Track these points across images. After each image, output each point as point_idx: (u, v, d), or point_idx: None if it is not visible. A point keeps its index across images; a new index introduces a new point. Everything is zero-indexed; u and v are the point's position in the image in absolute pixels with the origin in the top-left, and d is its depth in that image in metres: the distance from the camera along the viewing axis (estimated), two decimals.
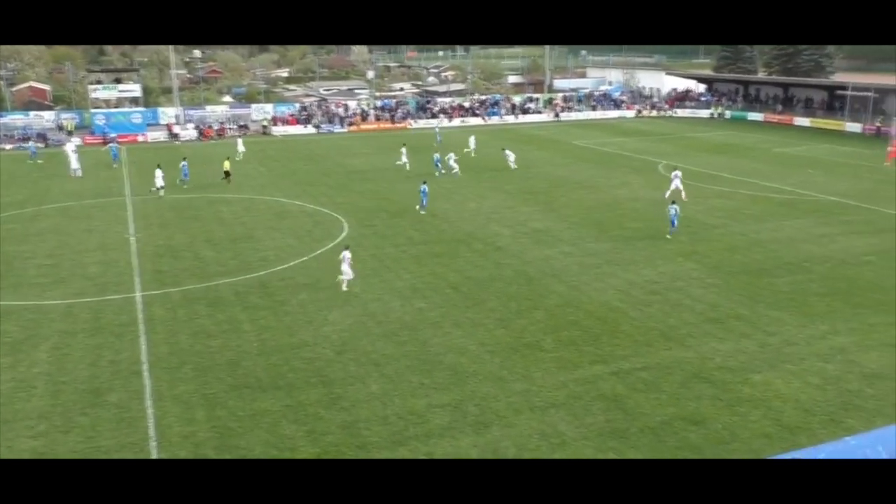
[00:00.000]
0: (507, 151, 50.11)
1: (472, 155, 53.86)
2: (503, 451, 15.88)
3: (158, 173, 41.69)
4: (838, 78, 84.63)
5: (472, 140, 55.73)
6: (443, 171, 47.26)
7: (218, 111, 72.69)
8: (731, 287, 26.07)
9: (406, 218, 36.55)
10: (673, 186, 38.07)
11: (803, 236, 32.57)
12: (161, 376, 19.50)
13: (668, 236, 32.31)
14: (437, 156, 48.74)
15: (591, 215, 36.74)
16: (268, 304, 24.80)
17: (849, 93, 69.75)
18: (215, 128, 68.78)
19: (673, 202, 33.22)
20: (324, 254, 30.37)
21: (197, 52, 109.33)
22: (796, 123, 72.93)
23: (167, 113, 70.41)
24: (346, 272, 25.96)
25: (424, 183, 38.43)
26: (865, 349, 20.86)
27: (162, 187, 41.59)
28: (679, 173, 39.16)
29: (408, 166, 48.64)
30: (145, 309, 24.44)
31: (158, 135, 67.25)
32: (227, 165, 46.11)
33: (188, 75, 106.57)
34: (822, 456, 2.00)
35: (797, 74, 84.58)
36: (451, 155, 48.04)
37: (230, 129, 69.66)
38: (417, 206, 37.80)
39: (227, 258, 30.11)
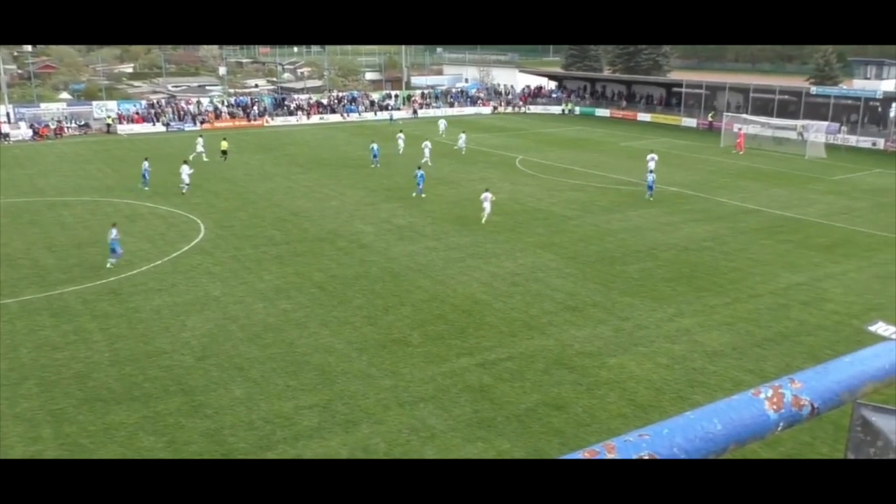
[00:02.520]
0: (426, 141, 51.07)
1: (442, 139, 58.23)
2: (373, 448, 15.87)
3: (185, 169, 40.79)
4: (674, 76, 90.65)
5: (441, 124, 61.77)
6: (379, 165, 48.98)
7: (53, 109, 67.84)
8: (586, 276, 27.33)
9: (266, 218, 35.65)
10: (651, 166, 42.90)
11: (650, 225, 34.65)
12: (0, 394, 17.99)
13: (649, 198, 39.46)
14: (375, 147, 50.04)
15: (453, 210, 37.34)
16: (120, 312, 23.44)
17: (683, 90, 74.98)
18: (52, 126, 64.12)
19: (651, 171, 40.95)
20: (179, 257, 29.07)
21: (27, 47, 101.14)
22: (639, 119, 77.39)
23: None
24: (487, 209, 33.54)
25: (419, 168, 40.93)
26: (707, 329, 22.52)
27: (187, 184, 40.54)
28: (655, 156, 44.38)
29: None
30: None
31: None
32: (224, 145, 51.43)
33: (18, 70, 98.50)
34: (665, 431, 2.14)
35: (637, 72, 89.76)
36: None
37: (69, 127, 65.24)
38: (414, 194, 39.67)
39: (72, 265, 28.16)
